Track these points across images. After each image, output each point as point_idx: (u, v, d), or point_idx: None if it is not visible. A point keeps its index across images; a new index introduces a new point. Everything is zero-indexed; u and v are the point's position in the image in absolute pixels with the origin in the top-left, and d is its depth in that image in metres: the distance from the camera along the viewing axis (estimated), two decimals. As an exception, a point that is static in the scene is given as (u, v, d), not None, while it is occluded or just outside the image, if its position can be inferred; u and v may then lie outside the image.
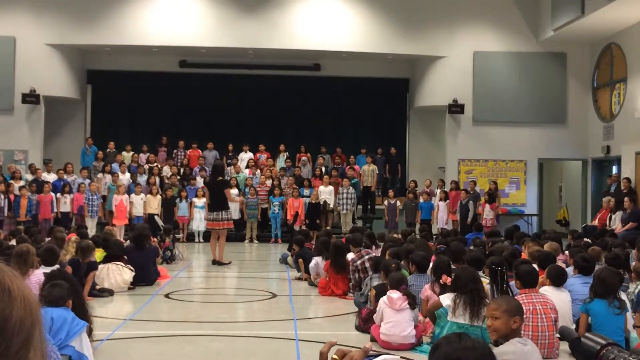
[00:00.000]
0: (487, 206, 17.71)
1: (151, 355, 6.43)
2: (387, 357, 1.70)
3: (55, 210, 16.85)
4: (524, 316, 4.78)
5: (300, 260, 11.33)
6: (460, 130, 20.06)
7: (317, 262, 10.56)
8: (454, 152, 20.08)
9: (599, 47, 19.47)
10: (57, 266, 8.00)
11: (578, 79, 20.06)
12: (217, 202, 13.12)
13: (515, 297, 6.09)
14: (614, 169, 18.48)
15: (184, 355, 6.40)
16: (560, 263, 8.44)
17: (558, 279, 6.93)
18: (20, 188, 16.71)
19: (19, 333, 0.91)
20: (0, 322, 0.90)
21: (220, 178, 13.42)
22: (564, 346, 6.37)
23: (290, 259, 12.99)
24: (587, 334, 6.08)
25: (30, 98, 18.89)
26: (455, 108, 19.78)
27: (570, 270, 7.94)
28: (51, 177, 17.87)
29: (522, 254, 9.24)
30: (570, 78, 20.10)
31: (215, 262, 13.14)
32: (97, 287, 9.48)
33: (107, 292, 9.50)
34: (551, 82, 20.00)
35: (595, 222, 16.09)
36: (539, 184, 20.53)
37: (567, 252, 9.53)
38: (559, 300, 6.59)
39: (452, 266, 7.49)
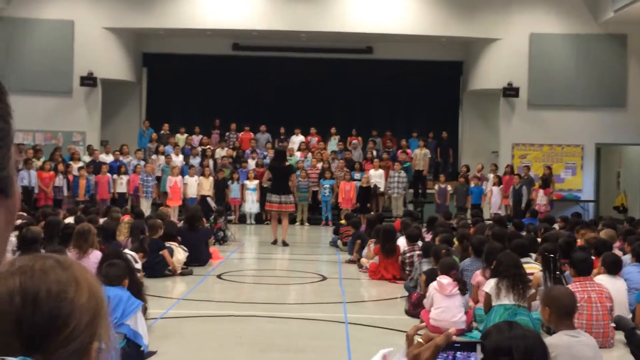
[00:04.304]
0: (541, 191, 17.39)
1: (203, 334, 6.57)
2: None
3: (112, 190, 17.26)
4: (577, 305, 4.66)
5: (359, 241, 11.32)
6: (514, 114, 19.71)
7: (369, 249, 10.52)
8: (508, 136, 19.75)
9: (662, 28, 18.81)
10: (133, 254, 8.24)
11: (639, 60, 19.43)
12: (284, 186, 13.29)
13: (569, 286, 5.99)
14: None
15: (235, 335, 6.52)
16: (616, 251, 8.24)
17: (613, 267, 6.78)
18: (79, 169, 17.18)
19: (87, 309, 1.16)
20: (70, 305, 1.14)
21: (287, 163, 13.66)
22: (619, 336, 6.25)
23: (340, 242, 13.04)
24: (642, 326, 5.95)
25: (88, 81, 19.33)
26: (510, 91, 19.42)
27: (627, 258, 7.76)
28: (109, 159, 18.29)
29: (578, 241, 9.06)
30: (631, 60, 19.48)
31: (276, 243, 13.30)
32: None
33: (188, 270, 9.85)
34: (611, 65, 19.42)
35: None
36: (596, 169, 20.03)
37: (622, 240, 9.28)
38: (615, 289, 6.45)
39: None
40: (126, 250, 7.71)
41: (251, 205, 17.90)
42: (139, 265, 7.75)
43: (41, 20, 19.31)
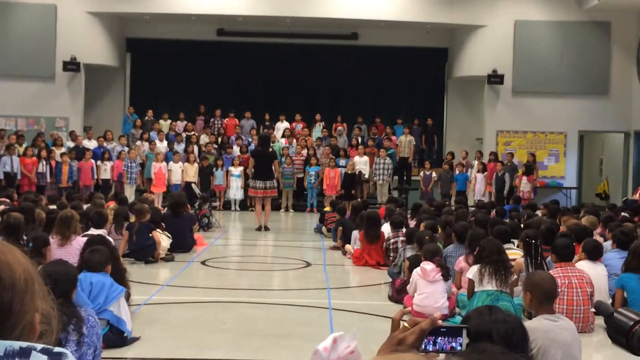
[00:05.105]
0: (525, 178, 17.51)
1: (187, 321, 6.58)
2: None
3: (95, 177, 17.16)
4: (557, 291, 4.70)
5: (340, 228, 11.35)
6: (499, 101, 19.78)
7: (356, 237, 10.54)
8: (493, 123, 19.83)
9: (645, 16, 18.92)
10: (104, 230, 8.19)
11: (622, 48, 19.54)
12: (267, 172, 13.37)
13: (550, 271, 6.05)
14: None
15: (219, 321, 6.53)
16: (597, 237, 8.33)
17: (594, 253, 6.85)
18: (62, 155, 17.05)
19: (26, 289, 1.19)
20: (10, 290, 1.17)
21: (271, 149, 13.72)
22: (599, 321, 6.32)
23: (324, 229, 13.06)
24: (620, 310, 6.02)
25: (71, 66, 19.14)
26: (495, 78, 19.48)
27: (608, 244, 7.85)
28: (92, 144, 18.17)
29: (560, 228, 9.13)
30: (614, 48, 19.59)
31: (260, 229, 13.35)
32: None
33: (170, 256, 9.84)
34: (594, 52, 19.51)
35: (637, 196, 15.79)
36: (579, 157, 20.18)
37: (603, 226, 9.37)
38: (595, 275, 6.53)
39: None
40: (100, 231, 7.66)
41: (235, 191, 17.88)
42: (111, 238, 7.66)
43: (23, 4, 19.05)
